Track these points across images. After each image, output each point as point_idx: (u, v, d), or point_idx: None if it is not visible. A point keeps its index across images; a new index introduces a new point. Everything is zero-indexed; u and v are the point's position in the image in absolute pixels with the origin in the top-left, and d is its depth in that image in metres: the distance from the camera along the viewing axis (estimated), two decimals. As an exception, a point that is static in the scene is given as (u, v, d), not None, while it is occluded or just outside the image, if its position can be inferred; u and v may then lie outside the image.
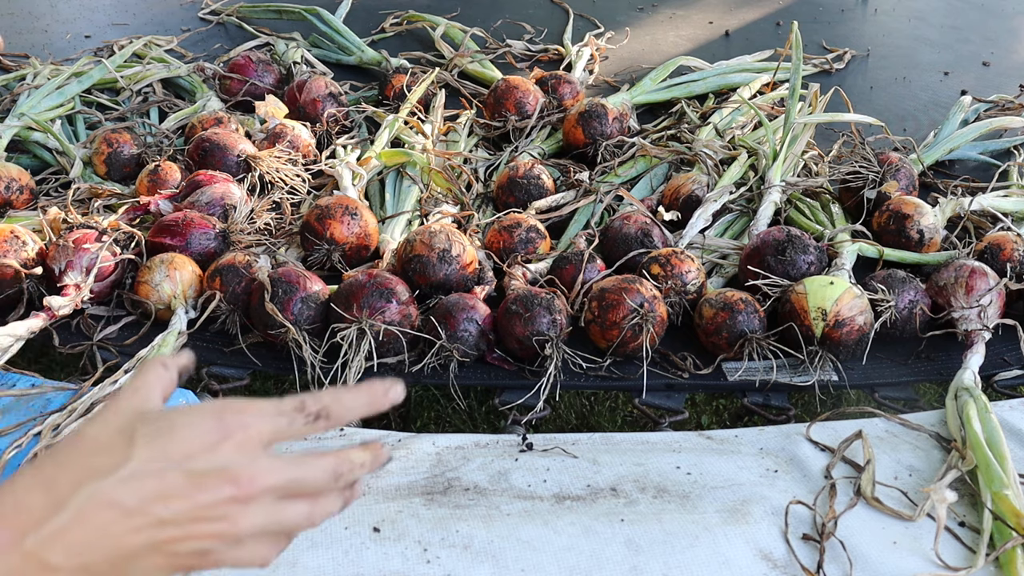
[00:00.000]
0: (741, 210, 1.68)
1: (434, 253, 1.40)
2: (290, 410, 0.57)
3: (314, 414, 0.58)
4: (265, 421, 0.56)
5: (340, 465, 0.58)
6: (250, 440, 0.55)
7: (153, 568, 0.54)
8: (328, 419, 0.58)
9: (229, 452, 0.54)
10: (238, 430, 0.55)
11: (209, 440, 0.54)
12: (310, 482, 0.57)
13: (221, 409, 0.56)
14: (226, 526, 0.53)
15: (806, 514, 1.04)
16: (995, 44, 2.71)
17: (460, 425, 1.60)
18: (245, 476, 0.54)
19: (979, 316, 1.35)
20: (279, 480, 0.55)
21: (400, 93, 2.05)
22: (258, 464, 0.55)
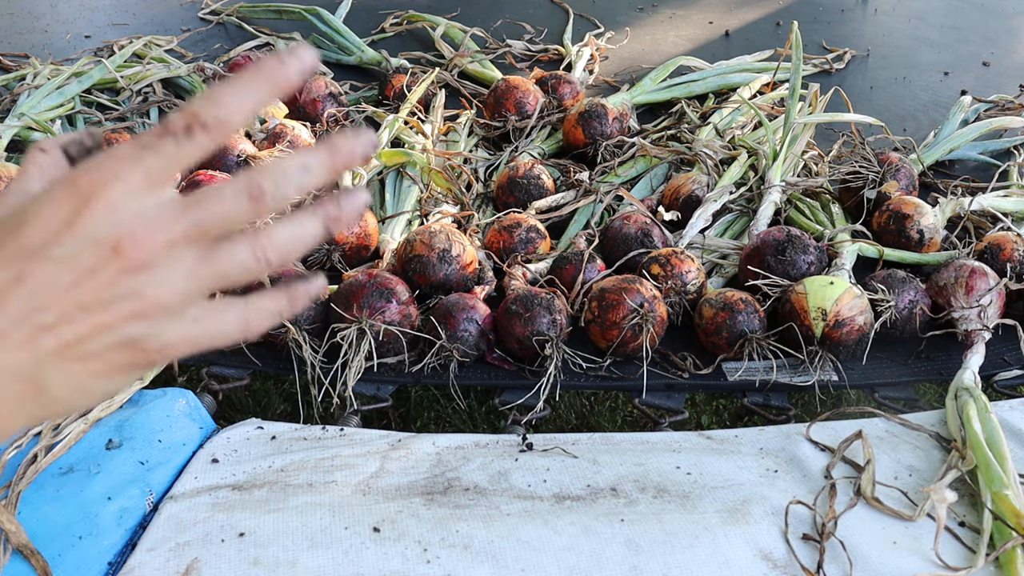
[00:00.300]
0: (741, 210, 1.68)
1: (434, 253, 1.40)
2: (153, 137, 0.44)
3: (183, 128, 0.44)
4: (126, 165, 0.43)
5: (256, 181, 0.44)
6: (117, 196, 0.43)
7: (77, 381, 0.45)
8: (206, 127, 0.44)
9: (96, 218, 0.42)
10: (98, 189, 0.42)
11: (67, 213, 0.42)
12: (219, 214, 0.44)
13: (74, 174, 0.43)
14: (135, 303, 0.43)
15: (806, 514, 1.04)
16: (995, 44, 2.71)
17: (460, 425, 1.60)
18: (126, 237, 0.43)
19: (979, 316, 1.35)
20: (175, 228, 0.44)
21: (400, 93, 2.05)
22: (140, 219, 0.43)
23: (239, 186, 0.44)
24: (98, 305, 0.43)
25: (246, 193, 0.44)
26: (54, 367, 0.44)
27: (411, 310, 1.31)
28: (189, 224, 0.44)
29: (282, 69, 0.44)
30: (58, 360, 0.44)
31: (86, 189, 0.43)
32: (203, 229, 0.44)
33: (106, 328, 0.43)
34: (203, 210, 0.44)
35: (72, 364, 0.44)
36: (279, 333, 1.28)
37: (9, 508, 0.99)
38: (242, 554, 0.96)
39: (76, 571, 0.96)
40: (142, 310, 0.43)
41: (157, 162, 0.43)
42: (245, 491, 1.06)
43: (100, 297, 0.43)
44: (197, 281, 0.44)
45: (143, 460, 1.09)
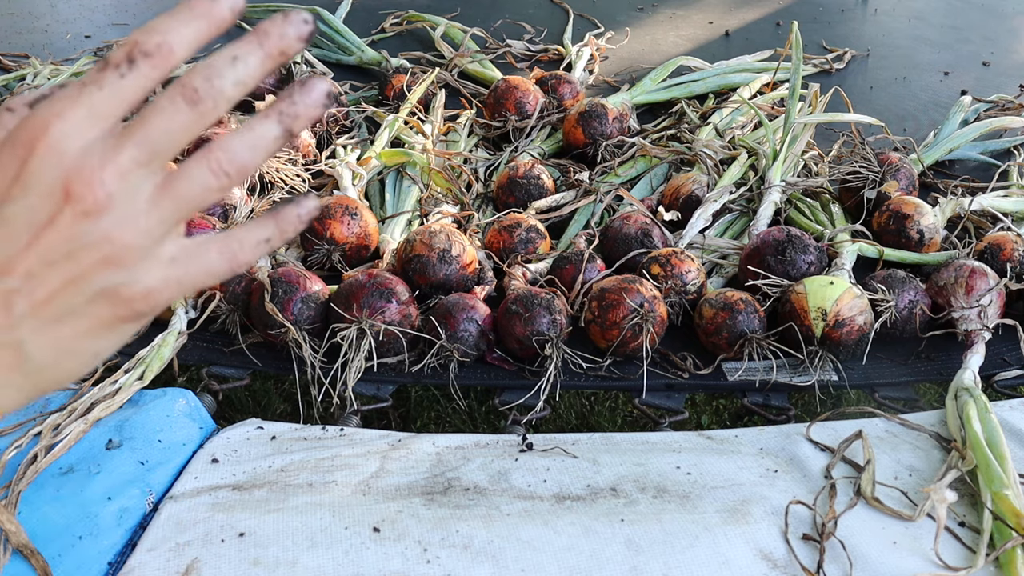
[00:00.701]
0: (741, 210, 1.68)
1: (434, 253, 1.40)
2: (94, 73, 0.41)
3: (124, 59, 0.40)
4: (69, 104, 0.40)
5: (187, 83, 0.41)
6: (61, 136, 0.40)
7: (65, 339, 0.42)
8: (148, 55, 0.40)
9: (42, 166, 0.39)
10: (39, 133, 0.39)
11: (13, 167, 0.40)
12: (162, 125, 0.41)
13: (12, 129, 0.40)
14: (103, 248, 0.40)
15: (806, 514, 1.04)
16: (995, 44, 2.72)
17: (460, 425, 1.60)
18: (73, 178, 0.39)
19: (979, 316, 1.35)
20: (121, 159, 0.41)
21: (400, 93, 2.05)
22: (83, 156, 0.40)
23: (171, 94, 0.41)
24: (63, 257, 0.40)
25: (181, 99, 0.41)
26: (33, 331, 0.41)
27: (411, 310, 1.31)
28: (135, 149, 0.41)
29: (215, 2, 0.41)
30: (36, 323, 0.41)
31: (28, 136, 0.40)
32: (152, 151, 0.41)
33: (78, 280, 0.41)
34: (145, 130, 0.41)
35: (52, 325, 0.41)
36: (279, 333, 1.28)
37: (9, 508, 0.99)
38: (242, 554, 0.96)
39: (76, 571, 0.96)
40: (111, 254, 0.41)
41: (100, 96, 0.41)
42: (245, 491, 1.06)
43: (64, 248, 0.40)
44: (160, 211, 0.41)
45: (143, 460, 1.09)
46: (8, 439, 1.11)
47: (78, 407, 1.15)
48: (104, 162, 0.40)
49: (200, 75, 0.41)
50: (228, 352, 1.35)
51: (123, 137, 0.41)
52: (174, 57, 0.41)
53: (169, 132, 0.41)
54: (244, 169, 0.42)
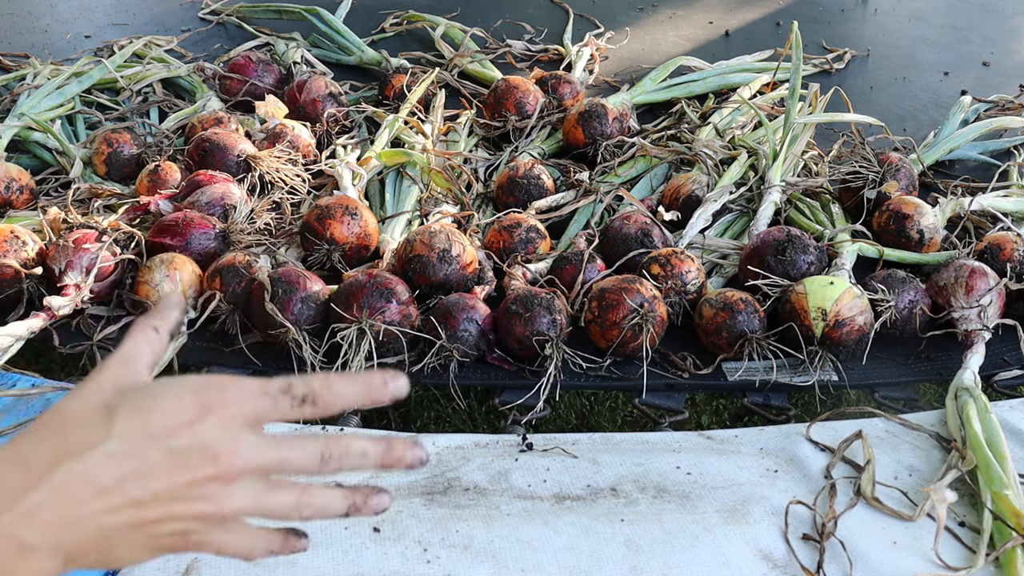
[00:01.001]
0: (741, 210, 1.68)
1: (434, 253, 1.40)
2: (276, 391, 0.55)
3: (300, 397, 0.55)
4: (249, 400, 0.54)
5: (330, 449, 0.55)
6: (232, 418, 0.53)
7: (135, 548, 0.53)
8: (315, 404, 0.55)
9: (211, 429, 0.52)
10: (220, 407, 0.53)
11: (190, 416, 0.52)
12: (295, 463, 0.55)
13: (204, 385, 0.54)
14: (208, 507, 0.52)
15: (806, 514, 1.04)
16: (995, 44, 2.71)
17: (460, 425, 1.60)
18: (226, 453, 0.52)
19: (979, 316, 1.35)
20: (262, 460, 0.53)
21: (400, 93, 2.05)
22: (240, 442, 0.53)
23: (317, 448, 0.55)
24: (184, 499, 0.52)
25: (320, 455, 0.55)
26: (126, 536, 0.52)
27: (411, 310, 1.31)
28: (272, 460, 0.54)
29: (383, 389, 0.56)
30: (132, 532, 0.52)
31: (211, 404, 0.53)
32: (279, 468, 0.54)
33: (176, 519, 0.52)
34: (286, 454, 0.54)
35: (135, 536, 0.52)
36: (279, 333, 1.28)
37: None
38: (242, 554, 0.96)
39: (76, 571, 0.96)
40: (209, 514, 0.53)
41: (269, 409, 0.54)
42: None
43: (186, 493, 0.52)
44: (255, 506, 0.54)
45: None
46: (8, 439, 1.11)
47: (78, 407, 1.15)
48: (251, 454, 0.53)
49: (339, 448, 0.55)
50: (228, 352, 1.35)
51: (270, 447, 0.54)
52: (328, 411, 0.56)
53: (298, 467, 0.55)
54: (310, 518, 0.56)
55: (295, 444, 0.55)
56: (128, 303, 1.41)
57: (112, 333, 1.36)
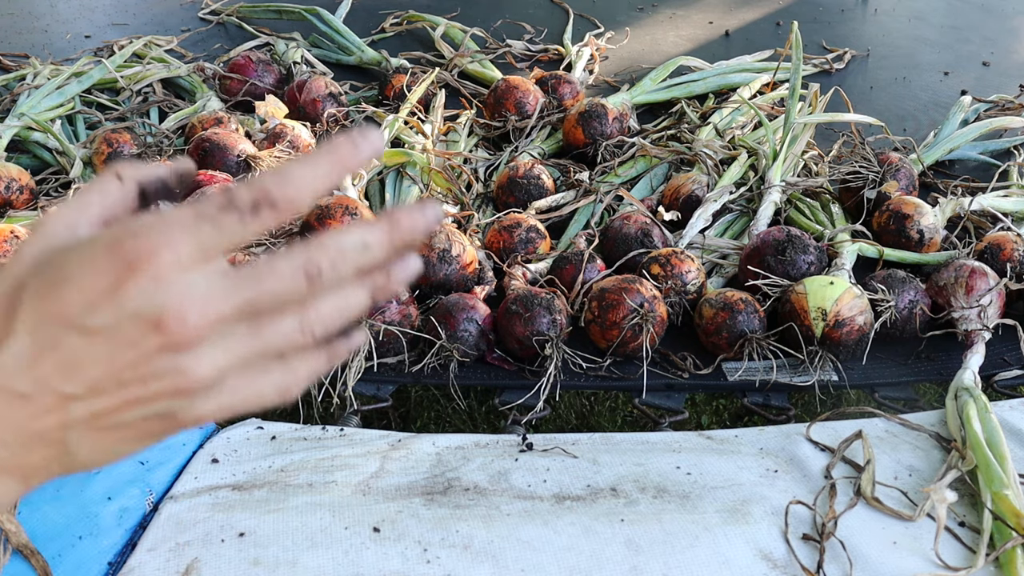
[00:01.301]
0: (741, 210, 1.68)
1: (434, 253, 1.40)
2: (215, 210, 0.40)
3: (249, 204, 0.40)
4: (181, 235, 0.40)
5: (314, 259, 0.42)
6: (168, 266, 0.39)
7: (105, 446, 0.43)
8: (274, 206, 0.41)
9: (140, 291, 0.39)
10: (144, 257, 0.39)
11: (109, 280, 0.39)
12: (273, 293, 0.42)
13: (119, 236, 0.40)
14: (175, 381, 0.41)
15: (806, 514, 1.04)
16: (995, 44, 2.71)
17: (460, 425, 1.60)
18: (170, 314, 0.39)
19: (979, 316, 1.35)
20: (224, 307, 0.41)
21: (400, 93, 2.05)
22: (187, 295, 0.40)
23: (296, 263, 0.42)
24: (135, 381, 0.41)
25: (303, 272, 0.42)
26: (83, 434, 0.42)
27: (411, 310, 1.31)
28: (241, 302, 0.41)
29: (355, 152, 0.43)
30: (87, 429, 0.42)
31: (132, 255, 0.39)
32: (256, 309, 0.42)
33: (142, 401, 0.41)
34: (257, 288, 0.41)
35: (102, 432, 0.42)
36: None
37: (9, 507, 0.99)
38: (242, 554, 0.96)
39: (76, 571, 0.96)
40: (182, 387, 0.41)
41: (215, 236, 0.40)
42: (245, 491, 1.06)
43: (138, 373, 0.40)
44: (241, 357, 0.42)
45: (143, 460, 1.09)
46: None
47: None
48: (206, 307, 0.40)
49: (329, 256, 0.42)
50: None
51: (231, 286, 0.41)
52: (298, 210, 0.41)
53: (278, 296, 0.42)
54: (328, 331, 0.44)
55: (261, 269, 0.41)
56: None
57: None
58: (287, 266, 0.41)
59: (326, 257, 0.42)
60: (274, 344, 0.43)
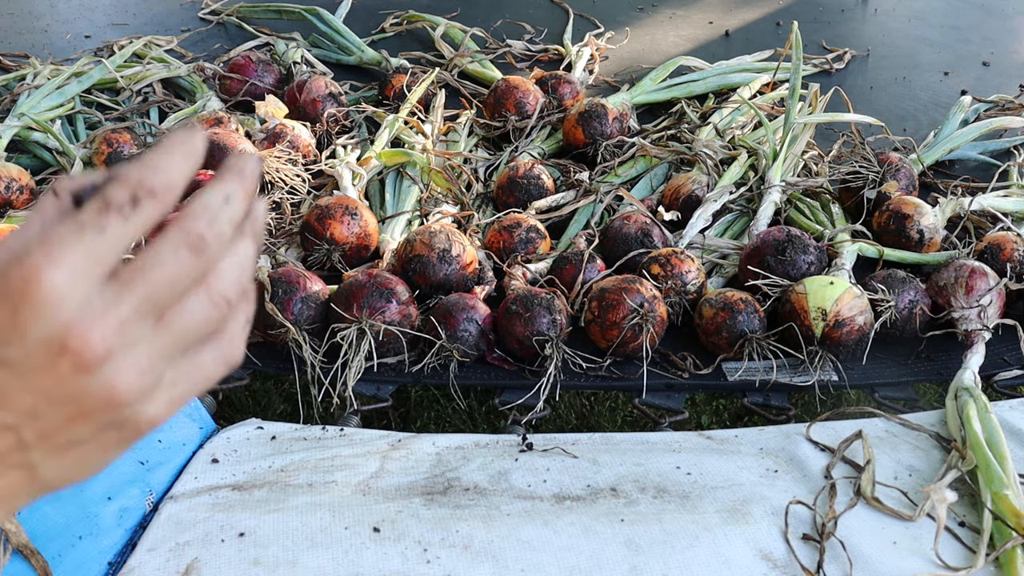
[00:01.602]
0: (741, 210, 1.68)
1: (434, 253, 1.40)
2: (94, 215, 0.39)
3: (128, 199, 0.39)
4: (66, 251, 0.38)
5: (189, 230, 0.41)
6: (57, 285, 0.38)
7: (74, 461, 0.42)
8: (153, 194, 0.40)
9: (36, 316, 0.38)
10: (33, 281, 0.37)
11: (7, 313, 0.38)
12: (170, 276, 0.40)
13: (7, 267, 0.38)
14: (104, 393, 0.39)
15: (806, 514, 1.04)
16: (995, 44, 2.71)
17: (460, 425, 1.60)
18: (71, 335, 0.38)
19: (979, 316, 1.35)
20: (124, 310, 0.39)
21: (400, 93, 2.05)
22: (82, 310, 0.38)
23: (176, 242, 0.41)
24: (65, 401, 0.39)
25: (186, 248, 0.41)
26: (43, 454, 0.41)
27: (411, 310, 1.31)
28: (137, 301, 0.40)
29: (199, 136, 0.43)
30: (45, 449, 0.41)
31: (19, 282, 0.38)
32: (154, 302, 0.40)
33: (83, 417, 0.40)
34: (149, 282, 0.40)
35: (61, 450, 0.41)
36: (279, 333, 1.28)
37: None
38: (242, 554, 0.96)
39: (76, 571, 0.96)
40: (115, 399, 0.40)
41: (100, 240, 0.39)
42: (245, 491, 1.06)
43: (64, 393, 0.39)
44: (162, 352, 0.41)
45: (143, 460, 1.09)
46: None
47: (78, 407, 1.15)
48: (103, 316, 0.39)
49: (201, 220, 0.41)
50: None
51: (123, 288, 0.40)
52: (175, 195, 0.41)
53: (173, 282, 0.41)
54: (239, 290, 0.43)
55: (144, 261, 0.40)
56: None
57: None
58: (168, 248, 0.41)
59: (200, 222, 0.41)
60: (192, 326, 0.42)
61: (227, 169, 0.43)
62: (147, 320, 0.40)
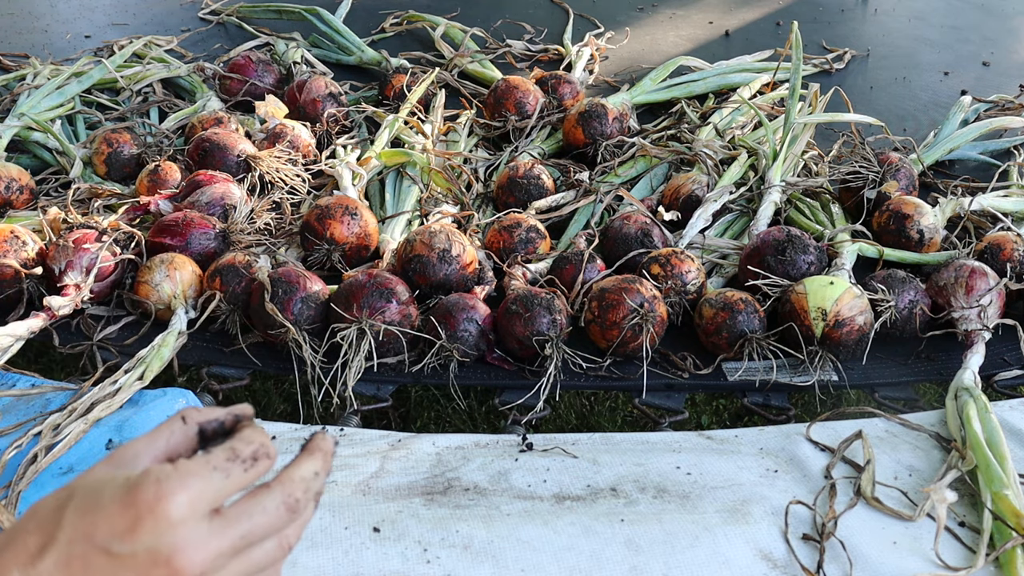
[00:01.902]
0: (741, 210, 1.68)
1: (434, 253, 1.40)
2: (223, 460, 0.51)
3: (250, 456, 0.52)
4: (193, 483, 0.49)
5: (291, 494, 0.53)
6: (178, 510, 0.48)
7: None
8: (269, 457, 0.53)
9: (154, 531, 0.48)
10: (161, 502, 0.48)
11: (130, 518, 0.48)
12: (264, 528, 0.52)
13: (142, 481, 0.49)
14: None
15: (806, 514, 1.04)
16: (995, 44, 2.71)
17: (460, 425, 1.60)
18: (178, 554, 0.48)
19: (979, 316, 1.35)
20: (223, 545, 0.50)
21: (400, 93, 2.05)
22: (192, 535, 0.49)
23: (276, 500, 0.52)
24: None
25: (284, 507, 0.52)
26: None
27: (411, 310, 1.31)
28: (236, 539, 0.50)
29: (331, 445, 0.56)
30: None
31: (153, 498, 0.48)
32: (248, 543, 0.51)
33: None
34: (250, 525, 0.51)
35: None
36: (279, 333, 1.28)
37: (9, 508, 0.99)
38: (242, 554, 0.96)
39: None
40: None
41: (222, 484, 0.51)
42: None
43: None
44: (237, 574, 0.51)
45: (143, 460, 1.09)
46: (8, 439, 1.11)
47: (78, 407, 1.15)
48: (206, 544, 0.49)
49: (299, 488, 0.53)
50: (228, 352, 1.35)
51: (227, 525, 0.50)
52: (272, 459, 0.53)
53: (266, 530, 0.52)
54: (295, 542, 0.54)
55: (252, 508, 0.51)
56: (128, 303, 1.41)
57: (112, 333, 1.36)
58: (272, 503, 0.52)
59: (298, 490, 0.53)
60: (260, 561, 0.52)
61: (318, 449, 0.56)
62: (237, 553, 0.51)
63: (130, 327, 1.38)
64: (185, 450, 0.55)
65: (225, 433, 0.56)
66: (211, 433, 0.56)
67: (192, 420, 0.55)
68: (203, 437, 0.56)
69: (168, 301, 1.36)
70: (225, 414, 0.57)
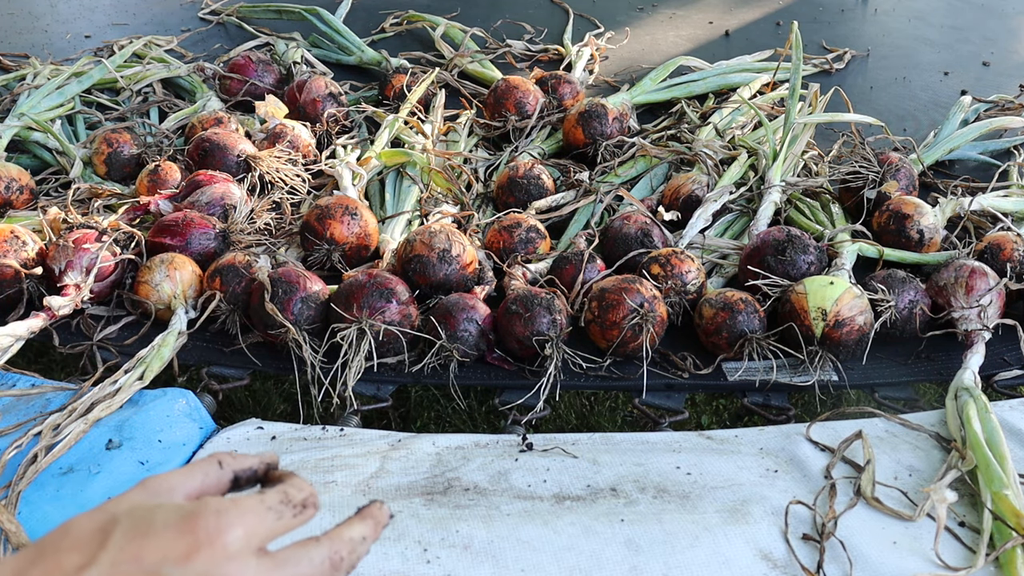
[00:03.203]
0: (741, 210, 1.68)
1: (434, 253, 1.40)
2: (276, 502, 0.54)
3: (301, 502, 0.55)
4: (249, 521, 0.52)
5: (337, 551, 0.55)
6: (232, 544, 0.51)
7: None
8: (316, 507, 0.56)
9: (208, 559, 0.50)
10: (217, 534, 0.50)
11: (184, 547, 0.50)
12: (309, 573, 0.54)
13: (200, 511, 0.51)
14: None
15: (806, 514, 1.04)
16: (995, 44, 2.72)
17: (460, 425, 1.60)
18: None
19: (979, 316, 1.35)
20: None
21: (400, 93, 2.05)
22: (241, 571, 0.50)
23: (324, 553, 0.54)
24: None
25: (329, 560, 0.54)
26: None
27: (411, 310, 1.31)
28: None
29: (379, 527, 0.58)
30: None
31: (209, 530, 0.50)
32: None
33: None
34: (295, 571, 0.53)
35: None
36: (279, 333, 1.28)
37: (9, 508, 0.99)
38: (242, 554, 0.96)
39: None
40: None
41: (273, 524, 0.53)
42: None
43: None
44: None
45: (143, 460, 1.09)
46: (8, 439, 1.11)
47: (78, 407, 1.15)
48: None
49: (346, 547, 0.56)
50: (228, 352, 1.35)
51: (275, 566, 0.52)
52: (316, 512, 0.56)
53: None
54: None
55: (300, 557, 0.54)
56: (128, 303, 1.41)
57: (112, 333, 1.36)
58: (318, 554, 0.54)
59: (344, 549, 0.56)
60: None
61: (371, 516, 0.59)
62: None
63: (130, 327, 1.38)
64: (216, 492, 0.57)
65: (257, 480, 0.60)
66: (244, 481, 0.59)
67: (228, 467, 0.58)
68: (236, 483, 0.59)
69: (168, 301, 1.36)
70: (258, 463, 0.60)
